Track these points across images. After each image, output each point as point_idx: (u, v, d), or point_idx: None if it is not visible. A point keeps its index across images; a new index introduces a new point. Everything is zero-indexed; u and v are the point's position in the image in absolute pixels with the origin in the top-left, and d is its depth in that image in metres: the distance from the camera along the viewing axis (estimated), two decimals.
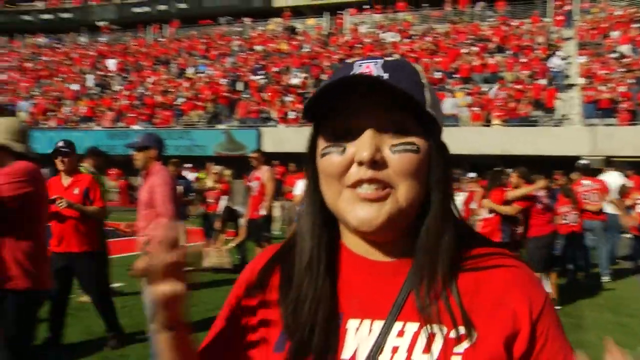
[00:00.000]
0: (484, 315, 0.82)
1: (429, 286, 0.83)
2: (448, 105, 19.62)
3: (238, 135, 21.85)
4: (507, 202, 7.12)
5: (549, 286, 7.54)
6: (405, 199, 0.82)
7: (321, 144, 0.86)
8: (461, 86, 20.96)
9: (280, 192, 13.69)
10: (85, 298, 6.95)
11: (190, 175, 15.88)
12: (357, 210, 0.82)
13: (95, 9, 37.79)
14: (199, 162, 17.96)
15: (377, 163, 0.81)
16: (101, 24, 36.67)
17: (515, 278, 0.86)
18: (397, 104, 0.81)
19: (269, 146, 18.44)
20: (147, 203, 4.44)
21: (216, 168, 10.17)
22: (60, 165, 5.07)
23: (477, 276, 0.85)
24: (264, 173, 8.47)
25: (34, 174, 3.39)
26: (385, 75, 0.82)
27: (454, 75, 21.95)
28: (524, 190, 7.14)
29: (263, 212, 8.50)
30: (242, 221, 10.75)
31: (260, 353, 0.89)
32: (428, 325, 0.81)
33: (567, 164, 9.44)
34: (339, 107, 0.83)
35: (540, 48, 22.21)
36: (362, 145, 0.81)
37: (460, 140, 18.21)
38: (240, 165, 14.71)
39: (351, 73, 0.84)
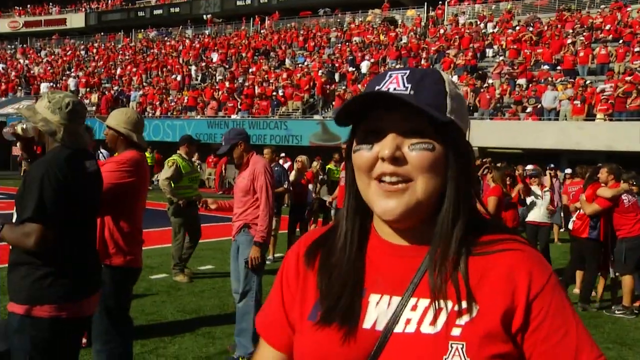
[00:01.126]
0: (488, 293, 0.93)
1: (441, 268, 0.95)
2: (549, 98, 18.80)
3: (333, 126, 22.12)
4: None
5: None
6: (423, 192, 0.95)
7: (355, 141, 1.02)
8: (562, 78, 20.00)
9: None
10: (180, 278, 7.46)
11: (286, 165, 16.31)
12: (382, 201, 0.97)
13: (201, 3, 39.49)
14: (294, 152, 18.38)
15: (397, 160, 0.95)
16: (206, 17, 38.33)
17: (520, 260, 0.96)
18: (415, 112, 0.94)
19: None
20: (246, 190, 4.72)
21: (302, 157, 10.33)
22: None
23: (486, 259, 0.96)
24: None
25: (140, 164, 3.75)
26: (409, 87, 0.97)
27: (557, 67, 20.99)
28: (616, 190, 6.84)
29: None
30: (333, 211, 11.00)
31: (298, 319, 1.06)
32: (436, 301, 0.93)
33: None
34: (370, 113, 0.99)
35: None
36: (385, 145, 0.95)
37: (560, 135, 17.44)
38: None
39: (381, 83, 0.99)
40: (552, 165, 13.33)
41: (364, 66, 24.98)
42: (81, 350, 3.02)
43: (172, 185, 7.37)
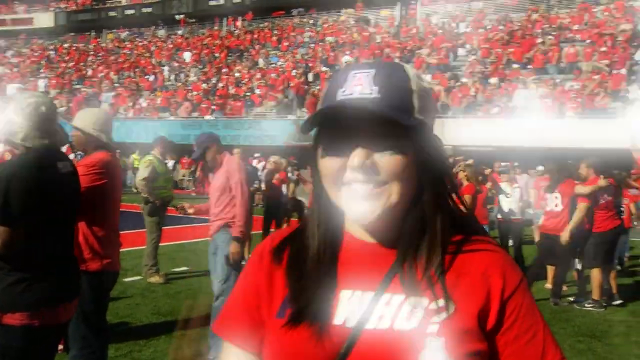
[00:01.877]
0: (464, 291, 0.93)
1: (415, 265, 0.94)
2: (520, 97, 19.08)
3: None
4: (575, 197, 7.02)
5: (607, 282, 7.33)
6: (397, 195, 0.93)
7: (321, 147, 0.98)
8: (534, 77, 20.31)
9: None
10: (155, 279, 7.40)
11: (259, 165, 16.25)
12: (355, 206, 0.94)
13: (173, 3, 39.10)
14: (269, 152, 18.34)
15: (368, 168, 0.92)
16: (179, 17, 37.98)
17: (494, 261, 0.97)
18: (383, 118, 0.92)
19: None
20: (222, 189, 4.78)
21: (274, 158, 10.35)
22: None
23: (461, 258, 0.96)
24: None
25: (111, 165, 3.68)
26: (375, 90, 0.92)
27: (527, 66, 21.31)
28: (593, 187, 6.96)
29: None
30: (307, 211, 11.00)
31: (266, 316, 1.01)
32: (411, 298, 0.92)
33: None
34: (335, 119, 0.95)
35: (624, 35, 21.07)
36: (354, 155, 0.92)
37: (532, 133, 17.69)
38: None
39: (345, 85, 0.95)
40: (516, 164, 13.54)
41: (344, 62, 24.96)
42: (56, 356, 2.97)
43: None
